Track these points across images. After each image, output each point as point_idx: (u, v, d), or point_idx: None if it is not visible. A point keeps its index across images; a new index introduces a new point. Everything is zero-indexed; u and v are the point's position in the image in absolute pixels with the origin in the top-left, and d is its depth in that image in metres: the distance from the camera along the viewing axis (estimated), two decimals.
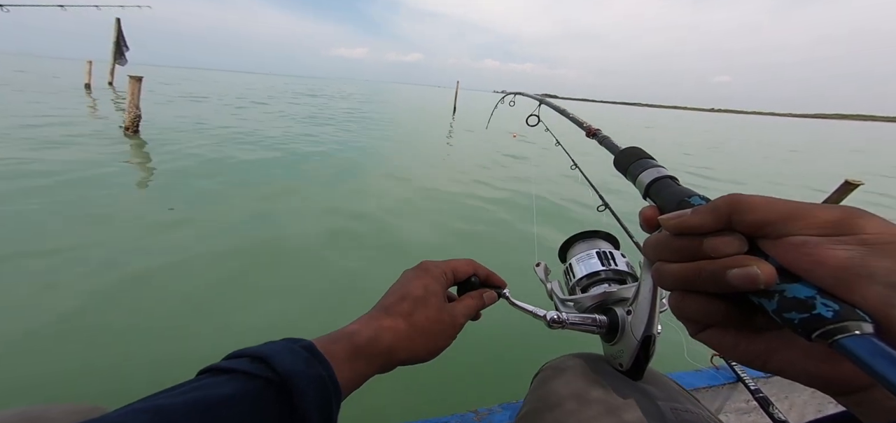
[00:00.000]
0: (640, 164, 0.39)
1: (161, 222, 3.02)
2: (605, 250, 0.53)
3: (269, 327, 1.94)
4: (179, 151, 5.28)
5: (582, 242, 0.57)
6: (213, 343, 1.80)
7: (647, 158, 0.40)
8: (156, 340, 1.80)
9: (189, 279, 2.30)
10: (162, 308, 2.02)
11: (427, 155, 6.87)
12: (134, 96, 5.84)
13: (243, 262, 2.53)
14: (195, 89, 19.57)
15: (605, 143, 0.58)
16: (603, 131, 0.69)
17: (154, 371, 1.59)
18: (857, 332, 0.19)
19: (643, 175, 0.37)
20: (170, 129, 6.97)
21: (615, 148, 0.49)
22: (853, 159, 13.03)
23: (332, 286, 2.41)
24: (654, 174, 0.36)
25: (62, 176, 3.84)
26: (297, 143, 6.91)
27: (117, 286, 2.15)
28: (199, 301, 2.11)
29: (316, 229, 3.15)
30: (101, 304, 2.00)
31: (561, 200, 4.59)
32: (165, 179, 4.17)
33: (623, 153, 0.44)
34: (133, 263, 2.37)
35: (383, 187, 4.69)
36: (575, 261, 0.54)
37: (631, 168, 0.40)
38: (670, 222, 0.27)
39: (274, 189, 4.10)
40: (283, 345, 0.29)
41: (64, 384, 1.52)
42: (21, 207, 3.05)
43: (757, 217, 0.23)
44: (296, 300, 2.19)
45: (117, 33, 14.74)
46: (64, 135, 5.61)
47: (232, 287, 2.26)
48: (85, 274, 2.23)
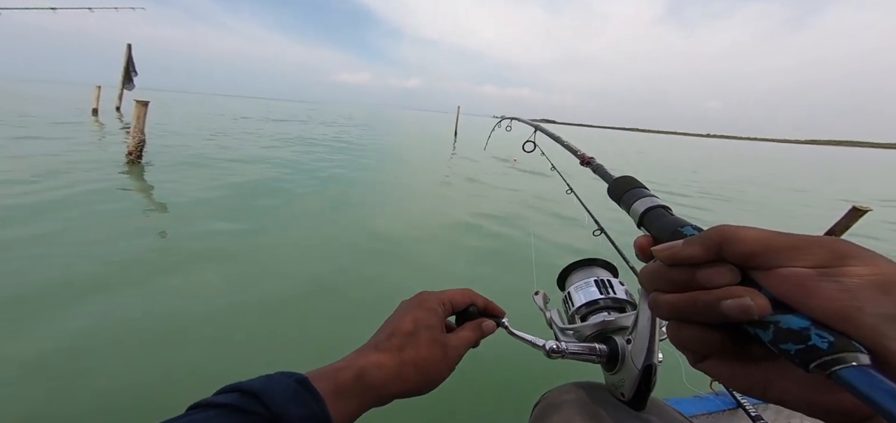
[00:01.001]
0: (633, 193, 0.40)
1: (152, 258, 3.02)
2: (604, 278, 0.53)
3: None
4: (185, 183, 5.32)
5: (580, 270, 0.57)
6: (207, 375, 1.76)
7: (639, 187, 0.41)
8: (139, 373, 1.77)
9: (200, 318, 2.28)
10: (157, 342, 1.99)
11: (428, 184, 6.90)
12: (140, 121, 5.94)
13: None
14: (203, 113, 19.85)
15: (598, 171, 0.59)
16: (596, 159, 0.70)
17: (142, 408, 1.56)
18: (854, 363, 0.19)
19: (637, 204, 0.38)
20: (179, 160, 7.04)
21: (609, 176, 0.49)
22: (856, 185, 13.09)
23: (331, 314, 2.39)
24: (648, 204, 0.36)
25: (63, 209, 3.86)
26: (313, 180, 6.97)
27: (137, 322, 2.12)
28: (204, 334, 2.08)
29: (319, 265, 3.15)
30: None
31: (558, 224, 4.59)
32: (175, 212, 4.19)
33: (616, 182, 0.44)
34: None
35: (384, 217, 4.70)
36: (574, 289, 0.54)
37: (625, 197, 0.40)
38: (663, 254, 0.27)
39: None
40: (277, 380, 0.29)
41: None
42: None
43: (747, 249, 0.23)
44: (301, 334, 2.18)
45: (127, 59, 15.11)
46: (66, 163, 5.68)
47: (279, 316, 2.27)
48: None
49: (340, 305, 2.46)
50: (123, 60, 15.19)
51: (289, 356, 1.95)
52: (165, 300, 2.30)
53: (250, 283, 2.61)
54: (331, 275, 2.82)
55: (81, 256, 2.73)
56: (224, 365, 1.83)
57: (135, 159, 5.92)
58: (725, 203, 7.55)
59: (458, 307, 0.45)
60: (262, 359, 1.90)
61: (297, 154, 8.71)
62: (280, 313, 2.29)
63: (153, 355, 1.85)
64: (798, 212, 7.37)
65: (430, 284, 2.76)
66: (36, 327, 1.95)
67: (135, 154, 5.94)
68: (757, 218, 6.44)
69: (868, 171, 23.14)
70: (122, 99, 16.07)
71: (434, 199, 5.65)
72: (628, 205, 0.39)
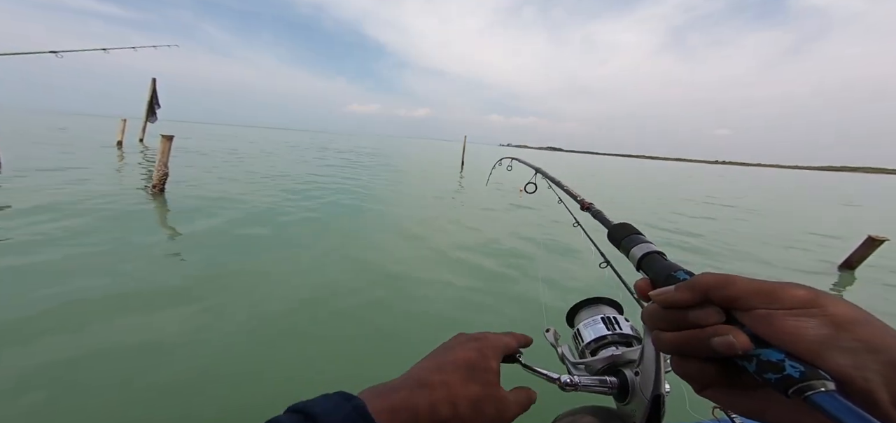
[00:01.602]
0: (631, 239, 0.43)
1: (176, 285, 3.14)
2: (610, 315, 0.57)
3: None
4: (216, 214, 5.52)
5: (587, 308, 0.61)
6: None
7: (636, 233, 0.44)
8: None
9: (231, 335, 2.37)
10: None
11: (436, 217, 6.93)
12: (164, 154, 6.23)
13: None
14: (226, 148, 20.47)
15: (598, 217, 0.65)
16: (596, 205, 0.76)
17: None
18: (822, 389, 0.22)
19: (635, 250, 0.41)
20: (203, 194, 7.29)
21: (608, 222, 0.54)
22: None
23: (346, 340, 2.45)
24: (645, 249, 0.40)
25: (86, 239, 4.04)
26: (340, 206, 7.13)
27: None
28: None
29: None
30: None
31: (565, 255, 4.62)
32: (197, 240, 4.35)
33: (615, 228, 0.48)
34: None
35: (391, 249, 4.77)
36: (582, 326, 0.57)
37: (623, 242, 0.44)
38: (658, 298, 0.31)
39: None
40: (336, 404, 0.29)
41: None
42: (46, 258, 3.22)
43: (729, 293, 0.27)
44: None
45: (152, 92, 15.87)
46: (89, 194, 5.94)
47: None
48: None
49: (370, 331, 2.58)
50: (148, 94, 15.97)
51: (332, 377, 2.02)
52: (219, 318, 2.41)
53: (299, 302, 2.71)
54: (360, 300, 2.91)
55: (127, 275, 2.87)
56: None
57: (158, 192, 6.19)
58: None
59: (510, 352, 0.42)
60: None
61: (305, 186, 8.92)
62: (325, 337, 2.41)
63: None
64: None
65: (436, 314, 2.85)
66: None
67: (158, 187, 6.22)
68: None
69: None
70: (144, 131, 16.81)
71: (442, 233, 5.73)
72: (627, 250, 0.43)
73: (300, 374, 2.11)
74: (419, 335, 2.60)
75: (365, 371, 2.13)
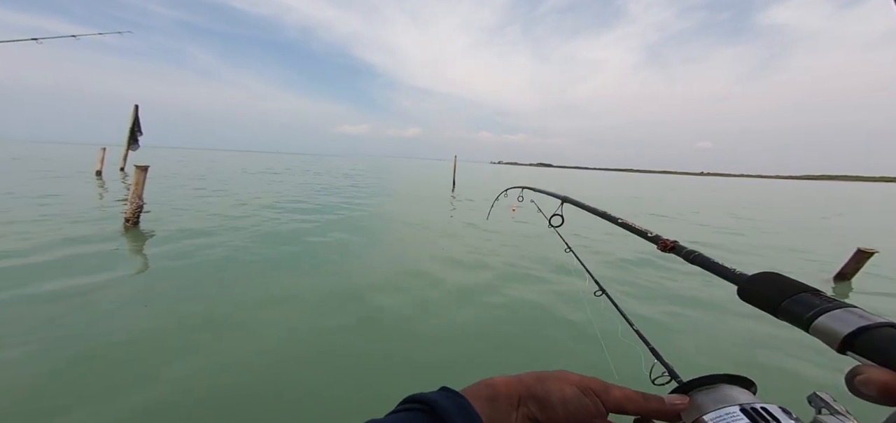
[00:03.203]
0: (803, 301, 0.31)
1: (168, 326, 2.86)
2: (755, 405, 0.32)
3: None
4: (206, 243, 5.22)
5: (706, 391, 0.36)
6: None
7: (807, 290, 0.32)
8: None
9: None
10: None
11: (427, 248, 6.81)
12: (138, 186, 5.95)
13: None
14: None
15: (697, 260, 0.50)
16: (684, 244, 0.57)
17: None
18: None
19: (830, 322, 0.28)
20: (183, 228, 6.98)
21: (719, 267, 0.43)
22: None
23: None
24: (857, 323, 0.27)
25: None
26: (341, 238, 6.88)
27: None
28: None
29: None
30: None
31: (555, 286, 4.44)
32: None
33: (762, 284, 0.35)
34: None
35: (373, 284, 4.56)
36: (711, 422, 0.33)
37: (788, 306, 0.31)
38: None
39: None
40: (448, 397, 0.33)
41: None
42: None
43: None
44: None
45: (134, 119, 15.56)
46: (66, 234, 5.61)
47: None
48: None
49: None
50: (130, 121, 15.64)
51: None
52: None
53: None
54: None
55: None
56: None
57: (132, 225, 5.87)
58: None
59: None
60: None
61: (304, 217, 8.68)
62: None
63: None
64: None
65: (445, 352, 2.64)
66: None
67: (132, 220, 5.90)
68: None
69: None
70: (126, 160, 16.37)
71: (437, 264, 5.51)
72: (800, 317, 0.30)
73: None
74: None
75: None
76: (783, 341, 3.06)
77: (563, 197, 1.21)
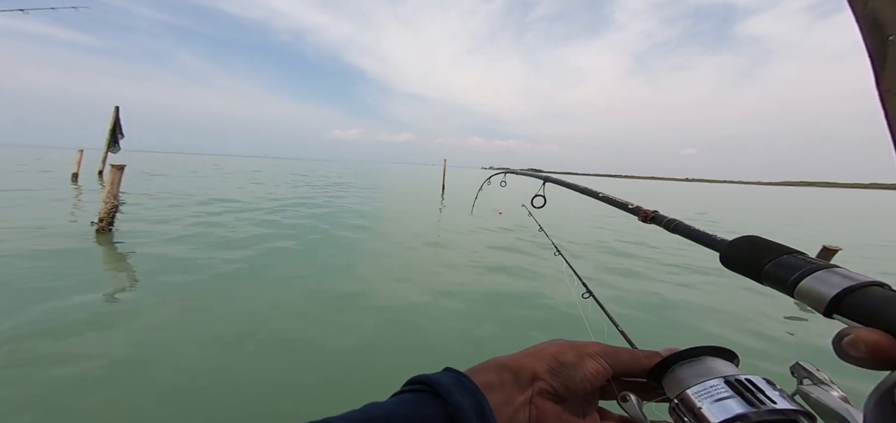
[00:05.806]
0: (789, 262, 0.30)
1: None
2: (740, 377, 0.30)
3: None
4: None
5: (688, 365, 0.34)
6: None
7: (791, 252, 0.31)
8: None
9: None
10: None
11: (418, 251, 6.65)
12: (114, 186, 5.63)
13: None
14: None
15: (680, 230, 0.51)
16: (661, 212, 0.59)
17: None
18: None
19: (815, 284, 0.27)
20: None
21: (700, 234, 0.44)
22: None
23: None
24: (845, 283, 0.26)
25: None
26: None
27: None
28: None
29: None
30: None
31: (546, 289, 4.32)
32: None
33: (743, 248, 0.35)
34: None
35: (373, 283, 4.40)
36: (695, 396, 0.30)
37: (770, 269, 0.31)
38: None
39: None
40: (447, 376, 0.31)
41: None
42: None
43: None
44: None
45: (114, 121, 14.98)
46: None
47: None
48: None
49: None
50: (110, 123, 15.07)
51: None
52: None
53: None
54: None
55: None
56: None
57: (105, 228, 5.52)
58: None
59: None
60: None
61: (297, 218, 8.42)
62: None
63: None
64: None
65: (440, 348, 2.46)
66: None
67: (106, 221, 5.56)
68: None
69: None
70: (105, 162, 15.76)
71: (426, 272, 5.37)
72: (784, 282, 0.29)
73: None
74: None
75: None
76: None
77: (545, 176, 1.20)
